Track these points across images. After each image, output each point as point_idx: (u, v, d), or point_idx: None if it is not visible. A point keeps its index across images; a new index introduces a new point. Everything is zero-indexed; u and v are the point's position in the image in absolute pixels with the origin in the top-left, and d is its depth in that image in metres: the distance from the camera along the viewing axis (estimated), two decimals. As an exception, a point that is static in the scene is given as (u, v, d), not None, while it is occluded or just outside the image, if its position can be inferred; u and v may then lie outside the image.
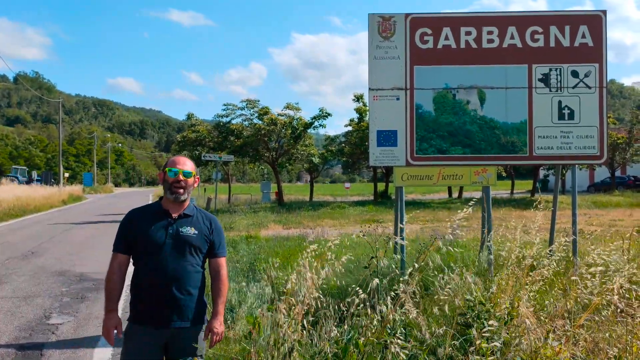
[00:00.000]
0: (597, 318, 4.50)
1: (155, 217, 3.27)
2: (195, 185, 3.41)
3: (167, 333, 3.20)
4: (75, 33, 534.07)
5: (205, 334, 3.35)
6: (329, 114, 31.48)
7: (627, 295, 4.42)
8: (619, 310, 4.33)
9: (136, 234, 3.23)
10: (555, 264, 5.24)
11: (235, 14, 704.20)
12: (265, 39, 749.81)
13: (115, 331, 3.24)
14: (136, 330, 3.22)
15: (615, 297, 4.25)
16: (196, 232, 3.27)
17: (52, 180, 55.86)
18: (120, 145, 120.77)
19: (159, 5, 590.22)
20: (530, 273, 4.88)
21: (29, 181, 53.83)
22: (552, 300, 4.92)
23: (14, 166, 70.21)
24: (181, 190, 3.26)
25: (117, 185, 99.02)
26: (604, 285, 4.52)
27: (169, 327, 3.19)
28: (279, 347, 3.58)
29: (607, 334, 4.23)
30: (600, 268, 4.66)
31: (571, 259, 6.88)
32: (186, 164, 3.33)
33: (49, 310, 7.59)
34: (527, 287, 4.69)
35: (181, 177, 3.27)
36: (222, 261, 3.41)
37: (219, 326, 3.31)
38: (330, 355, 3.81)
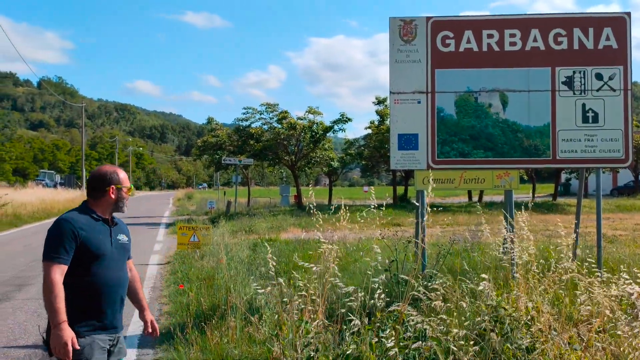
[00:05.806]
0: (620, 324, 4.43)
1: (98, 225, 3.29)
2: None
3: (114, 339, 3.29)
4: (92, 36, 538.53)
5: (149, 327, 3.51)
6: (349, 119, 31.47)
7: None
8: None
9: (84, 242, 3.18)
10: (577, 269, 5.18)
11: (251, 17, 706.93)
12: (282, 41, 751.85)
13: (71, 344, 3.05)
14: (94, 339, 3.20)
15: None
16: (128, 238, 3.42)
17: (76, 183, 56.69)
18: (140, 149, 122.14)
19: (174, 7, 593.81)
20: (552, 278, 4.84)
21: (57, 185, 54.44)
22: (575, 305, 4.86)
23: (41, 170, 71.19)
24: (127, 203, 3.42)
25: (137, 188, 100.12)
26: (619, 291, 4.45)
27: (115, 333, 3.31)
28: (302, 348, 3.60)
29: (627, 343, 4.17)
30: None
31: (594, 263, 6.80)
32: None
33: (73, 310, 7.70)
34: (548, 291, 4.65)
35: (130, 194, 3.42)
36: (132, 262, 3.57)
37: (152, 316, 3.55)
38: (352, 357, 3.83)
